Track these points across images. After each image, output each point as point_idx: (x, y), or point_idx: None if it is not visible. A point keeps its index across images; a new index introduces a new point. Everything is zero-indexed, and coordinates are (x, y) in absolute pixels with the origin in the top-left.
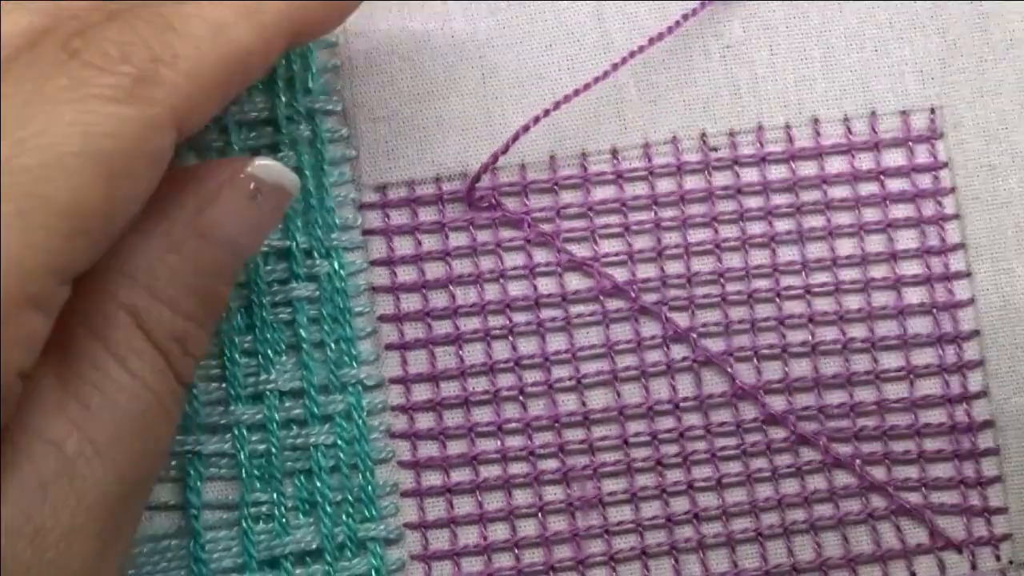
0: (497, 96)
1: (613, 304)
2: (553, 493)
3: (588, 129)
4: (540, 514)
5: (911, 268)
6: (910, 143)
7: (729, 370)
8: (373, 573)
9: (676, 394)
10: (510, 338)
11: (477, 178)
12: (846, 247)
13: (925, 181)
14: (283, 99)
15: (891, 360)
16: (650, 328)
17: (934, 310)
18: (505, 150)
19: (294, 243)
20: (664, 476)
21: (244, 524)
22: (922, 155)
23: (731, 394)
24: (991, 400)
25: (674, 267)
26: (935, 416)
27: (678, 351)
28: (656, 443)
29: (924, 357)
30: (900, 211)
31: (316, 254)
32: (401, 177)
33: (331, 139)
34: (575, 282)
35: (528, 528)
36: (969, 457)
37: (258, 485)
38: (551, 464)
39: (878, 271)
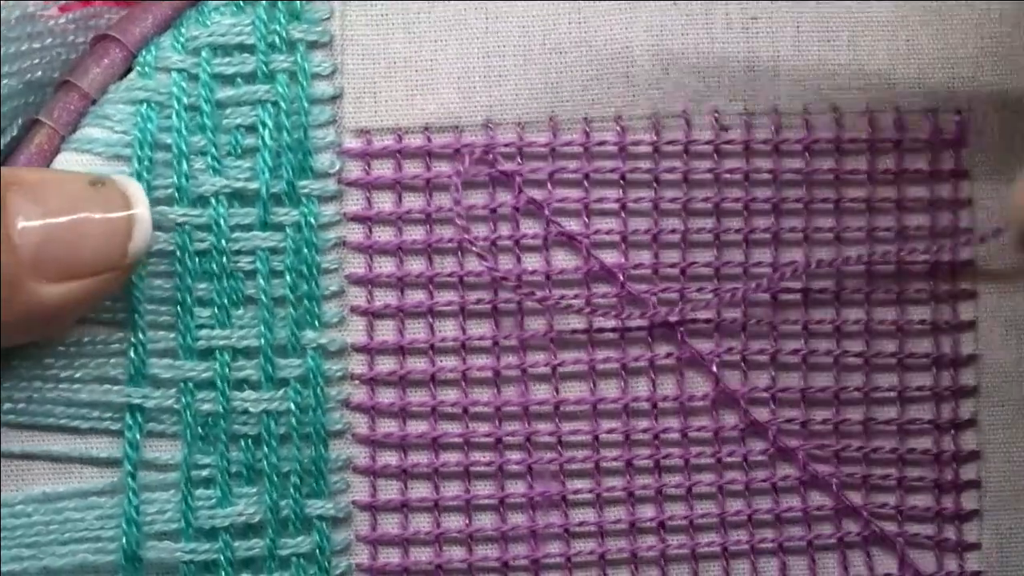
0: (499, 44)
1: (599, 289)
2: (515, 486)
3: (593, 91)
4: (501, 507)
5: (917, 283)
6: (933, 147)
7: (714, 371)
8: (317, 553)
9: (655, 393)
10: (487, 316)
11: None
12: (853, 253)
13: (944, 191)
14: (265, 24)
15: (884, 379)
16: (635, 319)
17: (935, 330)
18: None
19: (264, 187)
20: (632, 480)
21: (184, 488)
22: (945, 161)
23: (712, 398)
24: (980, 430)
25: (669, 256)
26: (921, 443)
27: (662, 348)
28: (628, 444)
29: (918, 379)
30: (914, 220)
31: (286, 200)
32: (387, 123)
33: (315, 74)
34: (561, 258)
35: (484, 520)
36: (950, 489)
37: (201, 446)
38: (515, 455)
39: (882, 283)
